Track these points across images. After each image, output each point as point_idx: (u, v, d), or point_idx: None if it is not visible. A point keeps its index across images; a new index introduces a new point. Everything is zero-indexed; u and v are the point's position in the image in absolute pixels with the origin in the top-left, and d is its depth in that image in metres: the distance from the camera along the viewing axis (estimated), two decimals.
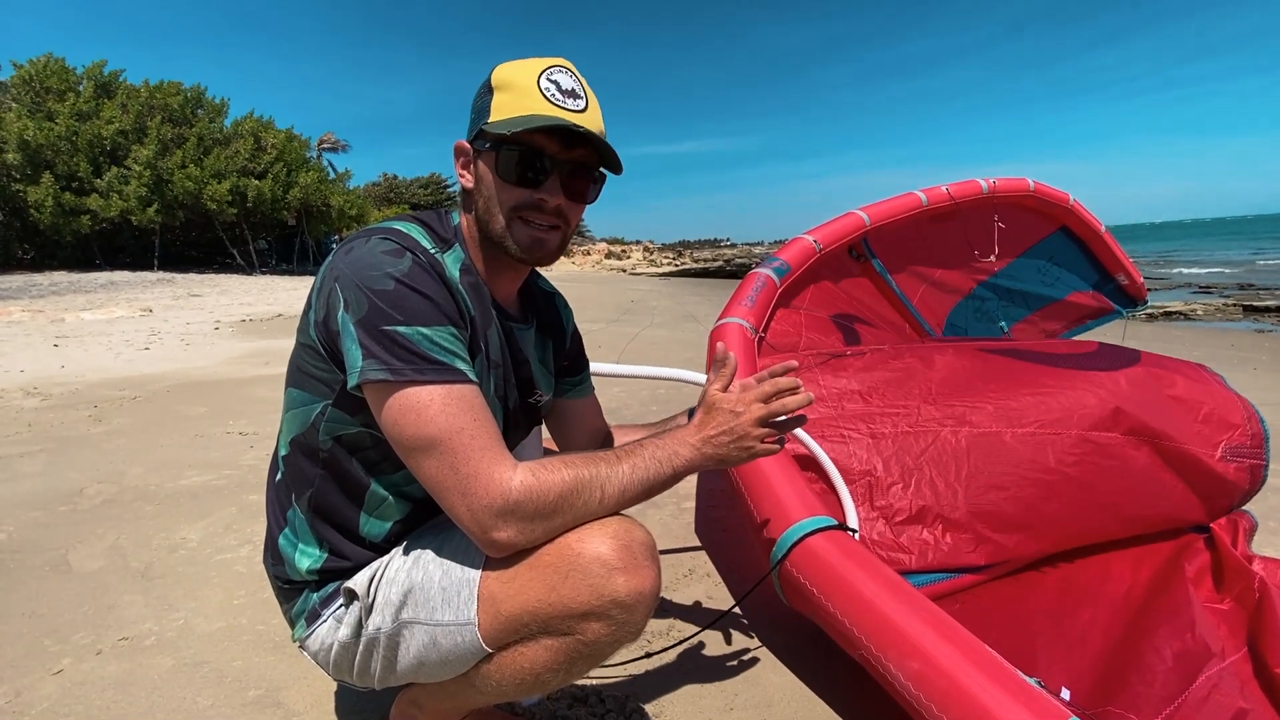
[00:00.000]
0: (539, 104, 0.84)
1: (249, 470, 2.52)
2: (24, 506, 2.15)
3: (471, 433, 0.76)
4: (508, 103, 0.85)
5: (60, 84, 18.16)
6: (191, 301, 10.78)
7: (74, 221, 17.32)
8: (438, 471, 0.76)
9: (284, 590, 0.94)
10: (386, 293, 0.77)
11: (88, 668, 1.31)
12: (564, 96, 0.86)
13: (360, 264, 0.79)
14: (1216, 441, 1.49)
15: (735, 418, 0.87)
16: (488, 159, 0.87)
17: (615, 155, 0.89)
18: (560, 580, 0.77)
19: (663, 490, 0.86)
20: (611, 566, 0.77)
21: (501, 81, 0.86)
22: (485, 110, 0.87)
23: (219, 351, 5.73)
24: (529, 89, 0.85)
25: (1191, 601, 1.37)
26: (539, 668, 0.81)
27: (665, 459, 0.85)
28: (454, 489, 0.76)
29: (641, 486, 0.83)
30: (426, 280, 0.80)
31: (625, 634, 0.80)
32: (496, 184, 0.87)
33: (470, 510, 0.76)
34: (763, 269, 2.02)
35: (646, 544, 0.81)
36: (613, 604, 0.77)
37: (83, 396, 3.84)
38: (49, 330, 6.84)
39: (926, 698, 0.90)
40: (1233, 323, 9.38)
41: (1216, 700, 1.14)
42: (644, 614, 0.80)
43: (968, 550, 1.36)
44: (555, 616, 0.78)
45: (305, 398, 0.88)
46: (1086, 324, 3.09)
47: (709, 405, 0.89)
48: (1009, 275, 2.84)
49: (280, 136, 21.53)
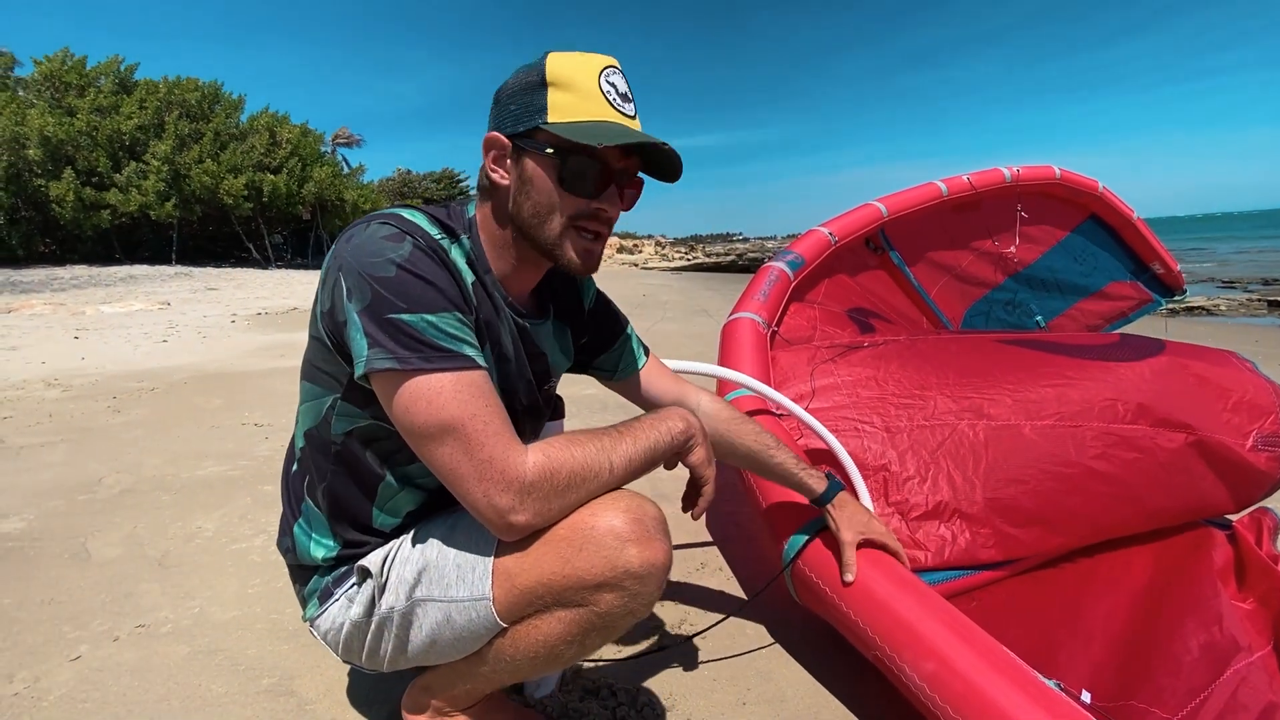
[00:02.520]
0: (607, 110, 0.81)
1: (264, 461, 2.54)
2: (45, 495, 2.19)
3: (484, 419, 0.76)
4: (571, 105, 0.80)
5: (79, 80, 18.41)
6: (208, 295, 10.91)
7: (94, 216, 17.57)
8: (451, 459, 0.76)
9: (297, 571, 0.95)
10: (389, 279, 0.75)
11: (105, 654, 1.33)
12: (622, 101, 0.83)
13: (361, 251, 0.77)
14: (1248, 430, 1.44)
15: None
16: (545, 162, 0.82)
17: (679, 164, 0.86)
18: (575, 553, 0.78)
19: (664, 460, 0.87)
20: (625, 539, 0.78)
21: (559, 78, 0.80)
22: (540, 108, 0.81)
23: (235, 344, 5.79)
24: (591, 92, 0.81)
25: (1219, 594, 1.33)
26: (553, 639, 0.82)
27: (664, 429, 0.86)
28: (469, 475, 0.76)
29: (645, 457, 0.84)
30: (429, 264, 0.78)
31: (638, 605, 0.81)
32: (554, 190, 0.83)
33: (486, 495, 0.75)
34: (776, 262, 2.00)
35: (658, 518, 0.82)
36: (626, 575, 0.78)
37: (102, 388, 3.89)
38: (70, 323, 6.95)
39: (942, 700, 0.89)
40: (1257, 318, 9.18)
41: (1245, 694, 1.11)
42: (656, 585, 0.81)
43: (986, 546, 1.33)
44: (570, 588, 0.79)
45: (316, 391, 0.88)
46: (1129, 316, 2.98)
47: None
48: (1045, 267, 2.77)
49: (295, 131, 21.71)
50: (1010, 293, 2.75)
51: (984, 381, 1.51)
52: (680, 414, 0.90)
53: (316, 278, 0.90)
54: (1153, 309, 2.99)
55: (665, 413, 0.89)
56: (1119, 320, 2.98)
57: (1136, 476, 1.39)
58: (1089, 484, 1.37)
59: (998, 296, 2.74)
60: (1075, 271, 2.84)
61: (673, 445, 0.87)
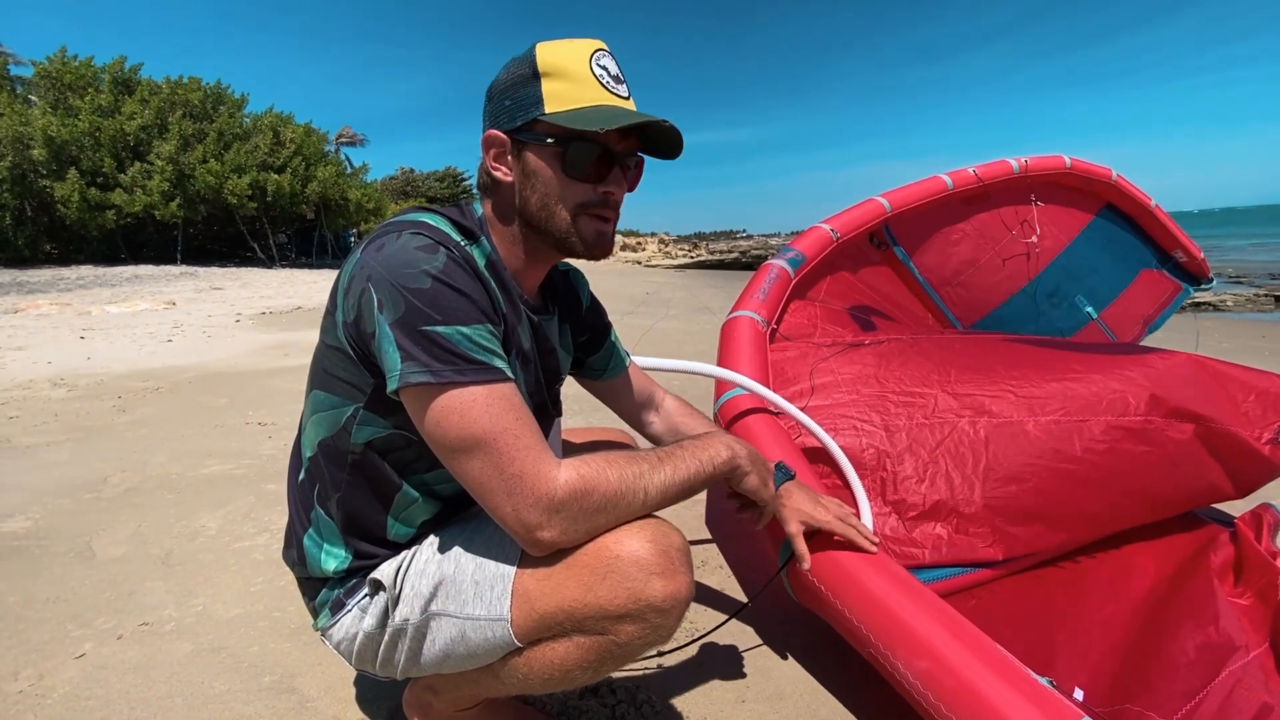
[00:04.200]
0: (602, 94, 0.81)
1: (268, 460, 2.56)
2: (50, 494, 2.20)
3: (515, 432, 0.75)
4: (567, 93, 0.80)
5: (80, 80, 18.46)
6: (213, 294, 10.95)
7: (99, 216, 17.64)
8: (482, 473, 0.75)
9: (306, 584, 0.94)
10: (424, 291, 0.74)
11: (109, 652, 1.34)
12: (615, 83, 0.83)
13: (394, 261, 0.75)
14: (1269, 422, 1.44)
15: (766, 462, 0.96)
16: (546, 153, 0.82)
17: (679, 139, 0.86)
18: (598, 581, 0.77)
19: (703, 489, 0.87)
20: (649, 571, 0.76)
21: (551, 68, 0.80)
22: (535, 100, 0.81)
23: (240, 343, 5.81)
24: (585, 77, 0.80)
25: (1216, 593, 1.33)
26: (569, 665, 0.81)
27: (706, 459, 0.86)
28: (499, 490, 0.75)
29: (683, 486, 0.83)
30: (463, 277, 0.77)
31: (658, 637, 0.80)
32: (560, 180, 0.83)
33: (515, 510, 0.75)
34: (777, 260, 1.99)
35: (682, 549, 0.81)
36: (648, 608, 0.77)
37: (108, 387, 3.92)
38: (75, 323, 6.98)
39: (935, 697, 0.89)
40: (1264, 314, 9.12)
41: (1240, 695, 1.10)
42: (677, 618, 0.80)
43: (984, 545, 1.33)
44: (590, 617, 0.78)
45: (334, 400, 0.85)
46: (1168, 307, 2.88)
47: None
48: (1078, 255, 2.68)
49: (299, 131, 21.73)
50: (1052, 284, 2.68)
51: (987, 378, 1.51)
52: (725, 442, 0.89)
53: (320, 277, 0.90)
54: (1183, 299, 2.93)
55: (709, 440, 0.88)
56: (1164, 311, 2.88)
57: (1144, 470, 1.38)
58: (1093, 479, 1.36)
59: (1040, 287, 2.66)
60: (1107, 260, 2.75)
61: (715, 475, 0.86)
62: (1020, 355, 1.61)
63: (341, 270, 0.83)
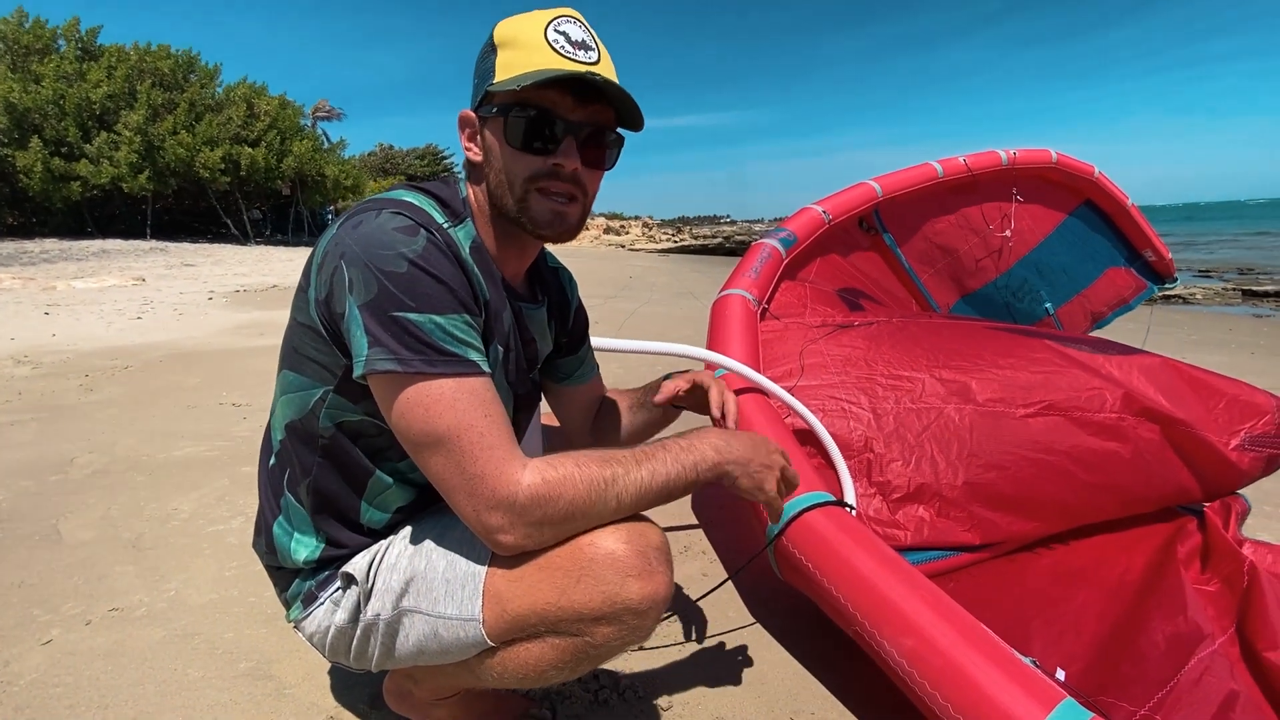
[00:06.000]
0: (549, 58, 0.77)
1: (242, 441, 2.50)
2: (14, 475, 2.13)
3: (480, 430, 0.72)
4: (513, 60, 0.78)
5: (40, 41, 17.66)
6: (185, 271, 10.66)
7: (64, 188, 17.05)
8: (444, 469, 0.73)
9: (277, 574, 0.91)
10: (399, 275, 0.71)
11: (77, 638, 1.30)
12: (574, 49, 0.78)
13: (370, 241, 0.72)
14: (1237, 429, 1.46)
15: (768, 449, 0.87)
16: (495, 126, 0.80)
17: (635, 106, 0.81)
18: (571, 584, 0.74)
19: (685, 494, 0.82)
20: (625, 573, 0.74)
21: (505, 38, 0.79)
22: (489, 72, 0.79)
23: (212, 322, 5.67)
24: (536, 43, 0.77)
25: (1184, 584, 1.36)
26: (544, 665, 0.79)
27: (690, 462, 0.80)
28: (460, 489, 0.72)
29: (661, 491, 0.78)
30: (442, 262, 0.74)
31: (635, 638, 0.78)
32: (507, 153, 0.80)
33: (476, 511, 0.72)
34: (769, 239, 1.98)
35: (660, 547, 0.78)
36: (625, 610, 0.74)
37: (74, 365, 3.80)
38: (40, 298, 6.76)
39: (920, 675, 0.90)
40: (1232, 307, 9.35)
41: (1208, 683, 1.14)
42: (655, 619, 0.78)
43: (963, 529, 1.34)
44: (564, 619, 0.75)
45: (303, 382, 0.82)
46: (1129, 304, 2.97)
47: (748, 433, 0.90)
48: (1048, 251, 2.75)
49: (274, 103, 21.14)
50: (1020, 279, 2.72)
51: (972, 365, 1.52)
52: (713, 444, 0.82)
53: (297, 254, 0.86)
54: (1146, 296, 3.01)
55: (696, 440, 0.82)
56: (1120, 308, 2.98)
57: (1115, 466, 1.40)
58: (1069, 471, 1.38)
59: (1008, 282, 2.70)
60: (1076, 257, 2.83)
61: (699, 480, 0.81)
62: (1006, 343, 1.62)
63: (316, 245, 0.79)
